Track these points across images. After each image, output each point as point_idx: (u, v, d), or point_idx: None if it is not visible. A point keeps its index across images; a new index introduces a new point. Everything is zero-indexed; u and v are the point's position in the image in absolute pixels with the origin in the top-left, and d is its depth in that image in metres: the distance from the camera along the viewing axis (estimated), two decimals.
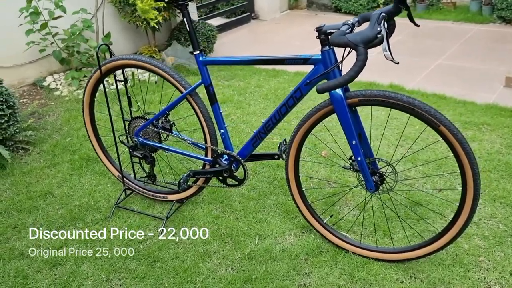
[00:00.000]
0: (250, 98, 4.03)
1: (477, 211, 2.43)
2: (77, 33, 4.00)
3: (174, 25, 5.34)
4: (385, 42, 1.56)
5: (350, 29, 1.71)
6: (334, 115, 1.95)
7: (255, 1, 7.00)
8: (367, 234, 2.33)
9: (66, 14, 4.04)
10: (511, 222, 2.35)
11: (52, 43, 4.13)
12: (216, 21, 6.74)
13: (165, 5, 4.50)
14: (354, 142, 1.93)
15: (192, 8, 5.62)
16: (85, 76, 4.47)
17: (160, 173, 2.90)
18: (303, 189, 2.25)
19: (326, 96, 1.90)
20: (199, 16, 7.01)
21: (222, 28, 6.49)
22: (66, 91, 4.36)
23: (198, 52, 2.14)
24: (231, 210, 2.57)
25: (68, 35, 4.08)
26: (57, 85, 4.48)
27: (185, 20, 2.10)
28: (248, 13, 6.96)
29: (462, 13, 6.33)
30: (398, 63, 1.49)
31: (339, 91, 1.87)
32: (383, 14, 1.61)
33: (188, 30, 2.11)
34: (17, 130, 3.28)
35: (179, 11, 4.93)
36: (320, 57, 1.87)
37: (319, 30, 1.81)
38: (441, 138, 1.82)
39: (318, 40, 1.83)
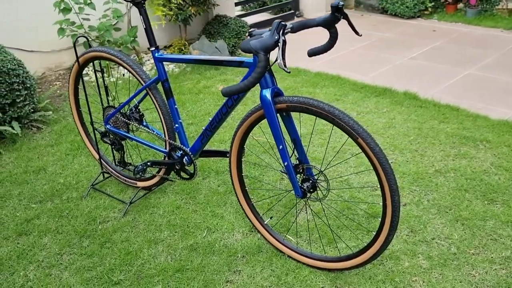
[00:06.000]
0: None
1: (434, 230, 2.35)
2: (105, 30, 4.28)
3: (211, 18, 5.49)
4: (279, 51, 1.58)
5: None
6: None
7: None
8: (313, 240, 2.33)
9: (95, 10, 4.33)
10: (465, 245, 2.24)
11: (83, 35, 4.44)
12: (260, 17, 6.85)
13: (192, 1, 4.67)
14: (281, 147, 1.95)
15: (230, 4, 5.73)
16: (115, 64, 4.75)
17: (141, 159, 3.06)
18: (246, 188, 2.30)
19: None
20: (246, 11, 7.16)
21: (264, 25, 6.55)
22: (94, 76, 4.66)
23: (154, 48, 2.25)
24: (193, 202, 2.68)
25: (99, 30, 4.37)
26: (88, 70, 4.81)
27: (142, 18, 2.22)
28: (292, 11, 6.96)
29: None
30: (289, 72, 1.50)
31: (268, 96, 1.90)
32: (282, 23, 1.62)
33: (145, 27, 2.23)
34: (32, 110, 3.60)
35: (212, 5, 5.19)
36: (252, 61, 1.91)
37: (250, 34, 1.85)
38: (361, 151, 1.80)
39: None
